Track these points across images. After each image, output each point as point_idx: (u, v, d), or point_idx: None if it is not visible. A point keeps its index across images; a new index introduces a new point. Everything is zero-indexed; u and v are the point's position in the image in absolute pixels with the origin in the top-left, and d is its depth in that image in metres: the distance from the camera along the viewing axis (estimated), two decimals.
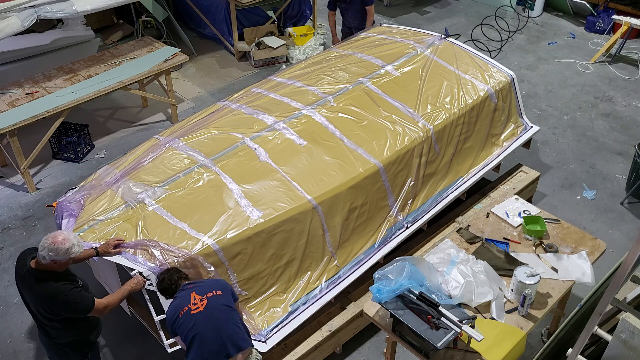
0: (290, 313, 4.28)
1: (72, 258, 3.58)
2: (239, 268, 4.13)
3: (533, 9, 9.89)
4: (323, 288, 4.45)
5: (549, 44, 9.12)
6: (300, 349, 4.33)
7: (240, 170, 4.52)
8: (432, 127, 5.13)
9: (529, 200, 5.66)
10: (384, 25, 6.84)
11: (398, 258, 3.84)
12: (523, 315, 3.79)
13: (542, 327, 4.80)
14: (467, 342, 3.62)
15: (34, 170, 6.64)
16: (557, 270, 4.08)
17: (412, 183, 4.98)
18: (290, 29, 8.92)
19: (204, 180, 4.43)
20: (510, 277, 3.87)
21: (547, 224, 4.41)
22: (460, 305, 3.76)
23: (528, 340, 3.97)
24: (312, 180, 4.53)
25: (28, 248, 3.81)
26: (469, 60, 5.86)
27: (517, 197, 4.82)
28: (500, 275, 3.97)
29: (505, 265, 4.06)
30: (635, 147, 5.95)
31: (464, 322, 3.54)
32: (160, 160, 4.64)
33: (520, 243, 4.32)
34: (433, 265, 3.92)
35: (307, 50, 8.65)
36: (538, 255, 4.20)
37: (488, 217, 4.58)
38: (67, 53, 7.54)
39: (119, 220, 4.16)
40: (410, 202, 5.01)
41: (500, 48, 8.81)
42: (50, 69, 6.82)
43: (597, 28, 9.33)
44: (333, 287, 4.48)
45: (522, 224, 4.44)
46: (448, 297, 3.75)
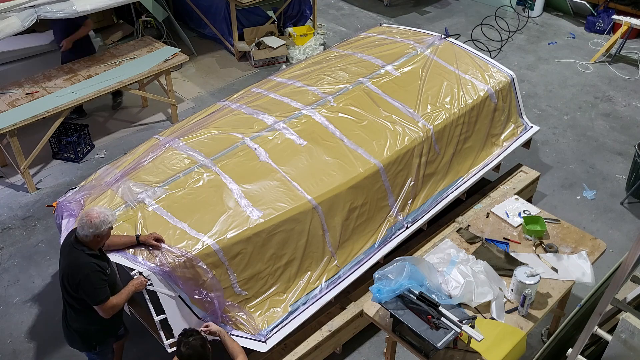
0: (290, 313, 4.28)
1: (110, 230, 3.66)
2: (239, 268, 4.13)
3: (533, 9, 9.89)
4: (323, 288, 4.45)
5: (549, 44, 9.12)
6: (300, 349, 4.33)
7: (240, 170, 4.52)
8: (432, 127, 5.13)
9: (529, 200, 5.66)
10: (384, 25, 6.84)
11: (398, 258, 3.84)
12: (523, 315, 3.79)
13: (542, 327, 4.80)
14: (467, 342, 3.62)
15: (34, 170, 6.64)
16: (557, 270, 4.08)
17: (412, 183, 4.98)
18: (290, 29, 8.92)
19: (204, 180, 4.43)
20: (510, 277, 3.87)
21: (547, 224, 4.41)
22: (460, 305, 3.77)
23: (528, 340, 3.97)
24: (312, 180, 4.53)
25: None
26: (469, 60, 5.86)
27: (517, 197, 4.83)
28: (500, 275, 3.97)
29: (505, 265, 4.06)
30: (635, 147, 5.95)
31: (464, 322, 3.54)
32: (160, 160, 4.64)
33: (520, 243, 4.32)
34: (433, 265, 3.92)
35: (307, 50, 8.65)
36: (538, 255, 4.20)
37: (488, 217, 4.58)
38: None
39: (119, 220, 4.16)
40: (410, 202, 5.01)
41: (500, 48, 8.81)
42: (50, 69, 6.82)
43: (597, 28, 9.33)
44: (333, 287, 4.48)
45: (522, 224, 4.44)
46: (448, 297, 3.75)
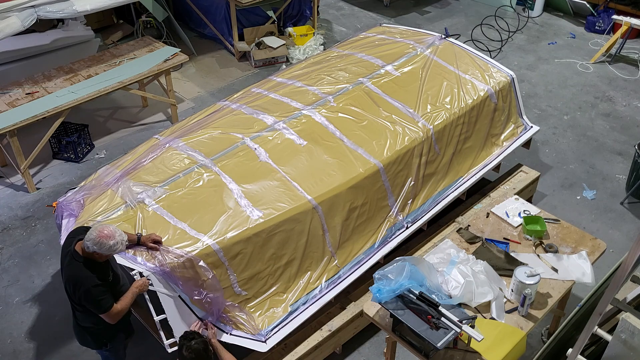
0: (290, 313, 4.28)
1: (113, 254, 3.64)
2: (239, 268, 4.13)
3: (533, 9, 9.89)
4: (323, 288, 4.45)
5: (549, 44, 9.12)
6: (300, 349, 4.33)
7: (240, 170, 4.51)
8: (432, 127, 5.13)
9: (529, 200, 5.66)
10: (384, 25, 6.84)
11: (398, 258, 3.84)
12: (523, 315, 3.79)
13: (542, 327, 4.80)
14: (467, 342, 3.62)
15: (34, 170, 6.64)
16: (557, 270, 4.08)
17: (412, 183, 4.98)
18: (290, 29, 8.92)
19: (204, 180, 4.42)
20: (510, 277, 3.87)
21: (547, 224, 4.41)
22: (460, 305, 3.77)
23: (528, 340, 3.97)
24: (312, 180, 4.53)
25: (80, 226, 3.88)
26: (469, 60, 5.86)
27: (517, 197, 4.82)
28: (500, 275, 3.97)
29: (505, 265, 4.06)
30: (635, 147, 5.95)
31: (464, 322, 3.54)
32: (160, 160, 4.64)
33: (520, 243, 4.32)
34: (433, 265, 3.92)
35: (307, 50, 8.65)
36: (538, 255, 4.20)
37: (488, 217, 4.58)
38: (67, 53, 7.54)
39: (119, 221, 4.16)
40: (410, 202, 5.01)
41: (500, 48, 8.81)
42: (50, 69, 6.82)
43: (597, 28, 9.33)
44: (333, 287, 4.48)
45: (522, 224, 4.44)
46: (448, 297, 3.75)
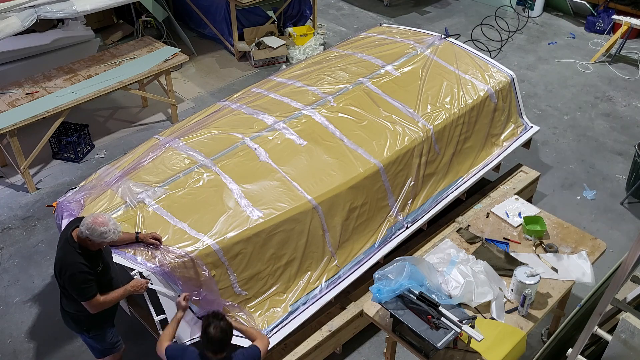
0: (290, 313, 4.28)
1: (105, 242, 3.63)
2: (239, 268, 4.13)
3: (533, 9, 9.89)
4: (323, 288, 4.45)
5: (549, 44, 9.12)
6: (300, 349, 4.33)
7: (240, 170, 4.51)
8: (432, 127, 5.13)
9: (529, 200, 5.65)
10: (384, 25, 6.84)
11: (398, 258, 3.84)
12: (523, 315, 3.79)
13: (542, 327, 4.80)
14: (467, 342, 3.62)
15: (34, 170, 6.64)
16: (557, 270, 4.08)
17: (412, 183, 4.98)
18: (290, 29, 8.92)
19: (204, 180, 4.42)
20: (510, 277, 3.87)
21: (546, 224, 4.41)
22: (460, 305, 3.77)
23: (528, 340, 3.97)
24: (312, 180, 4.53)
25: (82, 216, 3.90)
26: (469, 60, 5.86)
27: (517, 197, 4.82)
28: (500, 275, 3.97)
29: (505, 265, 4.06)
30: (635, 147, 5.95)
31: (464, 322, 3.54)
32: (160, 160, 4.64)
33: (520, 243, 4.32)
34: (433, 265, 3.92)
35: (307, 50, 8.65)
36: (538, 255, 4.20)
37: (488, 217, 4.58)
38: (67, 53, 7.54)
39: (119, 221, 4.16)
40: (410, 202, 5.01)
41: (500, 48, 8.81)
42: (50, 69, 6.82)
43: (597, 28, 9.33)
44: (333, 287, 4.48)
45: (522, 224, 4.44)
46: (448, 297, 3.75)
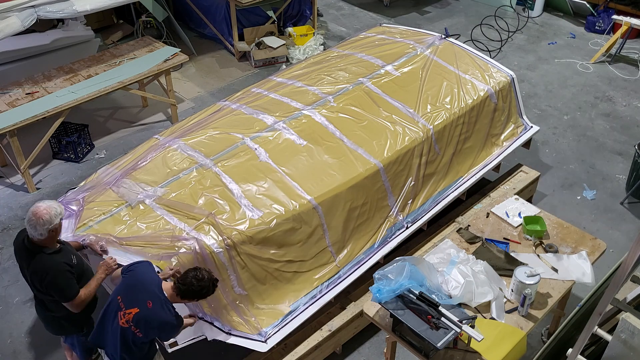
0: (290, 313, 4.28)
1: (61, 222, 3.62)
2: (239, 268, 4.13)
3: (533, 9, 9.89)
4: (323, 288, 4.45)
5: (549, 44, 9.12)
6: (300, 349, 4.33)
7: (240, 171, 4.52)
8: (432, 127, 5.13)
9: (529, 200, 5.66)
10: (384, 25, 6.84)
11: (398, 258, 3.84)
12: (523, 315, 3.79)
13: (542, 327, 4.80)
14: (467, 342, 3.62)
15: (34, 170, 6.63)
16: (557, 270, 4.08)
17: (412, 183, 4.98)
18: (290, 29, 8.91)
19: (204, 180, 4.42)
20: (510, 277, 3.87)
21: (546, 224, 4.41)
22: (460, 305, 3.76)
23: (528, 340, 3.97)
24: (312, 180, 4.53)
25: (22, 229, 3.84)
26: (469, 60, 5.86)
27: (517, 197, 4.82)
28: (500, 275, 3.97)
29: (505, 265, 4.06)
30: (635, 147, 5.95)
31: (464, 322, 3.54)
32: (160, 160, 4.64)
33: (520, 243, 4.32)
34: (433, 265, 3.92)
35: (307, 50, 8.65)
36: (538, 255, 4.20)
37: (488, 217, 4.58)
38: (67, 53, 7.54)
39: (120, 221, 4.16)
40: (410, 202, 5.01)
41: (500, 48, 8.81)
42: (50, 69, 6.82)
43: (597, 28, 9.33)
44: (333, 287, 4.48)
45: (522, 224, 4.44)
46: (448, 297, 3.75)
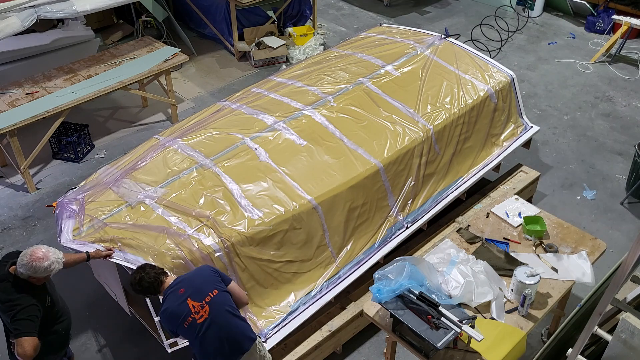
0: (290, 313, 4.28)
1: (51, 274, 3.48)
2: (240, 268, 4.13)
3: (533, 9, 9.89)
4: (323, 288, 4.45)
5: (549, 44, 9.12)
6: (300, 349, 4.33)
7: (240, 170, 4.52)
8: (432, 127, 5.13)
9: (529, 200, 5.66)
10: (384, 25, 6.84)
11: (398, 258, 3.84)
12: (523, 315, 3.79)
13: (542, 327, 4.80)
14: (467, 342, 3.62)
15: (34, 170, 6.63)
16: (557, 270, 4.08)
17: (412, 183, 4.98)
18: (290, 29, 8.91)
19: (204, 181, 4.42)
20: (510, 277, 3.87)
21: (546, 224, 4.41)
22: (460, 305, 3.76)
23: (528, 340, 3.97)
24: (312, 180, 4.53)
25: (12, 252, 3.69)
26: (469, 60, 5.86)
27: (517, 197, 4.82)
28: (500, 275, 3.97)
29: (505, 265, 4.06)
30: (635, 147, 5.95)
31: (464, 322, 3.54)
32: (160, 160, 4.64)
33: (520, 243, 4.32)
34: (433, 265, 3.92)
35: (307, 50, 8.65)
36: (538, 255, 4.20)
37: (488, 217, 4.58)
38: (67, 53, 7.54)
39: (119, 220, 4.16)
40: (410, 202, 5.01)
41: (500, 48, 8.81)
42: (50, 69, 6.82)
43: (597, 28, 9.33)
44: (333, 287, 4.48)
45: (522, 224, 4.44)
46: (448, 297, 3.75)
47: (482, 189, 5.68)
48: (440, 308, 3.54)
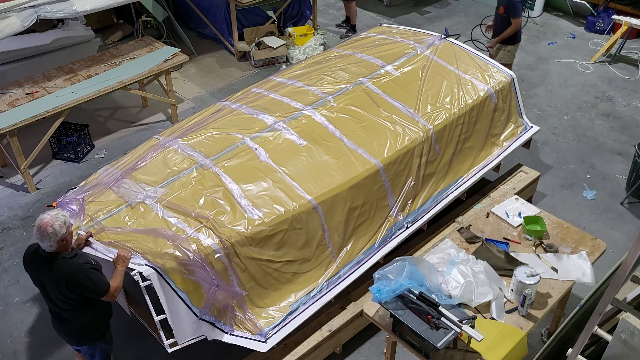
0: (290, 313, 4.28)
1: (72, 227, 3.70)
2: (240, 268, 4.13)
3: (533, 9, 9.89)
4: (323, 288, 4.45)
5: (549, 44, 9.12)
6: (300, 349, 4.33)
7: (240, 170, 4.51)
8: (432, 127, 5.13)
9: (529, 200, 5.66)
10: (384, 25, 6.84)
11: (398, 258, 3.84)
12: (523, 315, 3.79)
13: (542, 327, 4.80)
14: (467, 342, 3.62)
15: (34, 170, 6.63)
16: (557, 270, 4.08)
17: (412, 183, 4.98)
18: (290, 29, 8.92)
19: (204, 181, 4.42)
20: (510, 277, 3.87)
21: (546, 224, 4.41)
22: (460, 305, 3.77)
23: (528, 340, 3.97)
24: (312, 180, 4.53)
25: (30, 245, 3.85)
26: (469, 60, 5.86)
27: (517, 197, 4.82)
28: (500, 275, 3.97)
29: (505, 265, 4.06)
30: (635, 147, 5.95)
31: (464, 322, 3.54)
32: (160, 160, 4.64)
33: (520, 243, 4.32)
34: (433, 265, 3.92)
35: (307, 50, 8.65)
36: (538, 255, 4.20)
37: (488, 217, 4.58)
38: (67, 53, 7.54)
39: (119, 220, 4.16)
40: (411, 202, 5.01)
41: None
42: (50, 69, 6.82)
43: (597, 28, 9.33)
44: (333, 287, 4.48)
45: (522, 224, 4.44)
46: (448, 297, 3.75)
47: (482, 189, 5.68)
48: (440, 308, 3.54)
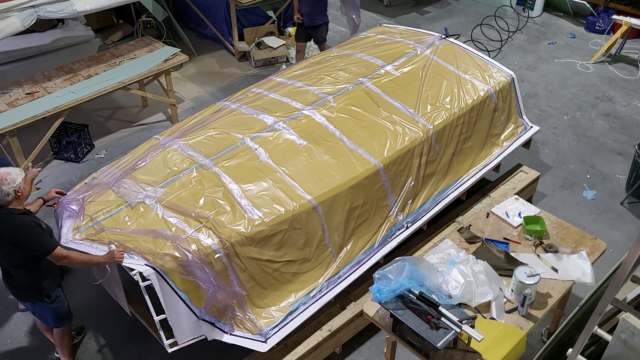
0: (290, 313, 4.28)
1: (27, 177, 3.92)
2: (240, 268, 4.13)
3: (533, 9, 9.89)
4: (323, 288, 4.45)
5: (549, 44, 9.13)
6: (300, 349, 4.33)
7: (240, 170, 4.51)
8: (432, 127, 5.13)
9: (529, 200, 5.66)
10: (384, 25, 6.84)
11: (398, 258, 3.84)
12: (523, 315, 3.79)
13: (542, 327, 4.80)
14: (467, 342, 3.62)
15: None
16: (557, 270, 4.08)
17: (412, 183, 4.98)
18: (290, 29, 8.91)
19: (204, 181, 4.42)
20: (510, 277, 3.87)
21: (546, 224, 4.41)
22: (460, 305, 3.77)
23: (528, 340, 3.97)
24: (312, 180, 4.53)
25: None
26: (469, 60, 5.86)
27: (517, 197, 4.82)
28: (500, 275, 3.97)
29: (505, 265, 4.06)
30: (635, 147, 5.95)
31: (464, 322, 3.54)
32: (160, 160, 4.64)
33: (520, 243, 4.32)
34: (433, 265, 3.92)
35: (307, 51, 8.64)
36: (538, 255, 4.20)
37: (488, 217, 4.58)
38: (67, 53, 7.55)
39: (118, 220, 4.16)
40: (411, 202, 5.01)
41: (500, 48, 8.81)
42: (50, 69, 6.82)
43: (597, 28, 9.33)
44: (333, 287, 4.48)
45: (522, 224, 4.44)
46: (448, 297, 3.75)
47: (482, 189, 5.68)
48: (440, 308, 3.54)
